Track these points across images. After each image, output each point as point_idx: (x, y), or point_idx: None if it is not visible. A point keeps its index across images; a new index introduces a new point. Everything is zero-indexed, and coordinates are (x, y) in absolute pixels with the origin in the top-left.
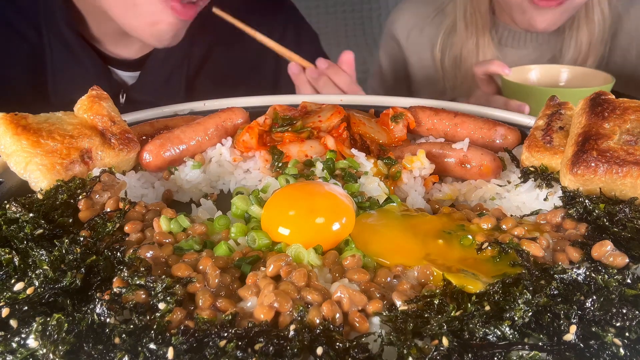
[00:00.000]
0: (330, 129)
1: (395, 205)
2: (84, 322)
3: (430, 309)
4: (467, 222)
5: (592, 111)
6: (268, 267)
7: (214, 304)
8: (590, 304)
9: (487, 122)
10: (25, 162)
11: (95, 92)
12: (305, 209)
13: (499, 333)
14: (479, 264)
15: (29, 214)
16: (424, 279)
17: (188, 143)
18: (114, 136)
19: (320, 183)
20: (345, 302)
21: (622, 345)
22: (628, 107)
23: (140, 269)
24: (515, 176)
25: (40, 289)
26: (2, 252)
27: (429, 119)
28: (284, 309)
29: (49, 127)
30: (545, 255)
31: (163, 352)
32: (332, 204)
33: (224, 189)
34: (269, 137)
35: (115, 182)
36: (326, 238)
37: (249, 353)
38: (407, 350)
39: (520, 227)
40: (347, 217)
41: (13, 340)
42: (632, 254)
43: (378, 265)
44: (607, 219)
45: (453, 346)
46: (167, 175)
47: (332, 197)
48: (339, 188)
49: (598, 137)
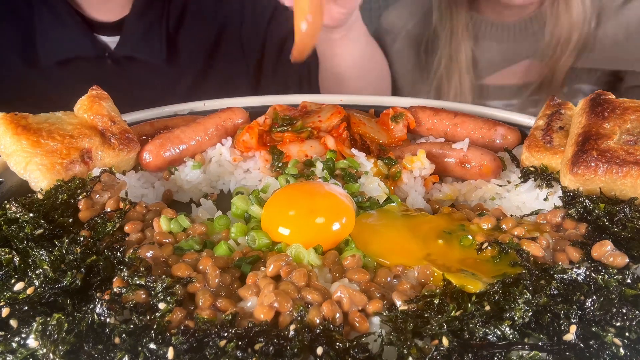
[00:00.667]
0: (330, 129)
1: (395, 205)
2: (84, 322)
3: (430, 309)
4: (467, 222)
5: (592, 111)
6: (268, 267)
7: (214, 304)
8: (590, 304)
9: (487, 122)
10: (25, 162)
11: (96, 92)
12: (305, 209)
13: (499, 333)
14: (479, 264)
15: (29, 214)
16: (424, 279)
17: (188, 143)
18: (114, 136)
19: (320, 183)
20: (345, 302)
21: (622, 345)
22: (628, 107)
23: (140, 269)
24: (515, 176)
25: (40, 289)
26: (2, 252)
27: (429, 119)
28: (284, 309)
29: (49, 127)
30: (545, 255)
31: (163, 352)
32: (332, 203)
33: (224, 189)
34: (269, 137)
35: (115, 182)
36: (326, 238)
37: (249, 353)
38: (407, 350)
39: (520, 227)
40: (347, 217)
41: (13, 340)
42: (632, 254)
43: (378, 265)
44: (607, 219)
45: (453, 346)
46: (167, 175)
47: (332, 197)
48: (338, 188)
49: (598, 137)
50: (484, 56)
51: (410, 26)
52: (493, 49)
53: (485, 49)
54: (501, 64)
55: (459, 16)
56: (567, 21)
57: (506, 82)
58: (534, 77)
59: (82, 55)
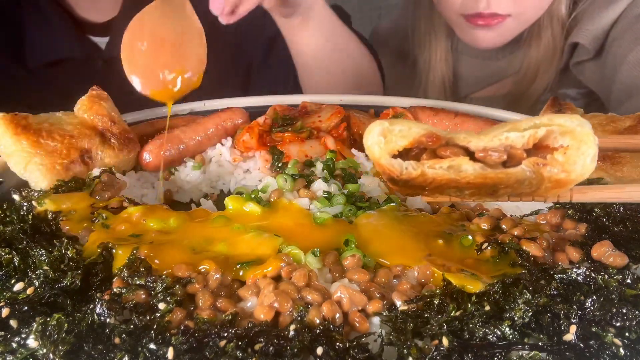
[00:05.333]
0: (330, 129)
1: (395, 205)
2: (84, 322)
3: (430, 309)
4: (467, 222)
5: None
6: (268, 267)
7: (214, 304)
8: (590, 304)
9: (487, 122)
10: (25, 162)
11: (96, 92)
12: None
13: (499, 333)
14: (478, 264)
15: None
16: (424, 279)
17: (188, 143)
18: (114, 136)
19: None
20: (345, 302)
21: (622, 345)
22: None
23: (140, 269)
24: None
25: (40, 289)
26: (2, 252)
27: (429, 119)
28: (284, 309)
29: (49, 127)
30: (545, 255)
31: (163, 352)
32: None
33: (224, 189)
34: (269, 137)
35: (115, 182)
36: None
37: (249, 353)
38: (407, 350)
39: (520, 227)
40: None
41: (13, 340)
42: (632, 254)
43: (378, 265)
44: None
45: (453, 346)
46: (167, 175)
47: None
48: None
49: None
50: (466, 73)
51: (397, 42)
52: (475, 66)
53: (467, 66)
54: (485, 81)
55: (438, 42)
56: (535, 56)
57: (486, 94)
58: (513, 92)
59: (71, 56)
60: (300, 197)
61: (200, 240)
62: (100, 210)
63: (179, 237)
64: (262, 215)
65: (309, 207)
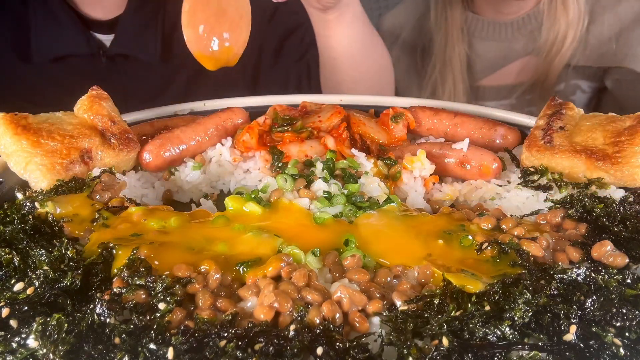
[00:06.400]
0: (330, 129)
1: (395, 205)
2: (84, 322)
3: (430, 309)
4: (467, 222)
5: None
6: (268, 267)
7: (214, 304)
8: (590, 304)
9: (487, 122)
10: (25, 162)
11: (96, 92)
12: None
13: (499, 333)
14: (479, 264)
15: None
16: (424, 279)
17: (188, 143)
18: (114, 136)
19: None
20: (345, 302)
21: (622, 345)
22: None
23: (140, 269)
24: (515, 176)
25: (40, 289)
26: (2, 252)
27: (429, 119)
28: (284, 309)
29: (49, 127)
30: (545, 255)
31: (163, 352)
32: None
33: (224, 189)
34: (269, 137)
35: (115, 182)
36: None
37: (249, 353)
38: (407, 350)
39: (520, 227)
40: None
41: (13, 340)
42: (632, 254)
43: (378, 265)
44: (607, 219)
45: (453, 346)
46: (167, 175)
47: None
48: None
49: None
50: (480, 57)
51: (406, 32)
52: (489, 49)
53: (481, 49)
54: (498, 63)
55: (454, 16)
56: (564, 20)
57: (500, 82)
58: (528, 76)
59: (76, 52)
60: (300, 197)
61: (201, 240)
62: (101, 211)
63: (179, 237)
64: (262, 215)
65: (309, 207)
